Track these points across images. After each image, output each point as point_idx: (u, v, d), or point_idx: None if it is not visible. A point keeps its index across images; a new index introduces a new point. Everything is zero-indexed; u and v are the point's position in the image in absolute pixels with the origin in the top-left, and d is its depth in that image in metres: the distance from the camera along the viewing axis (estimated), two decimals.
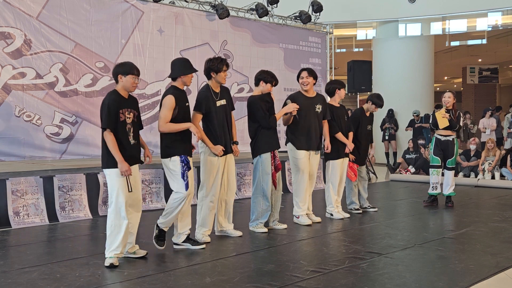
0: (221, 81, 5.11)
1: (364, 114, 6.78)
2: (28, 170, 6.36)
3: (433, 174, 7.23)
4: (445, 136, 7.12)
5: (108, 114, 4.17)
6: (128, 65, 4.37)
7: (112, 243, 4.23)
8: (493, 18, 14.15)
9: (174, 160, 4.61)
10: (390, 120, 13.89)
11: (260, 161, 5.49)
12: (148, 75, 8.01)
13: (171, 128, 4.59)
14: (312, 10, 10.46)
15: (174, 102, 4.56)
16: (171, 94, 4.62)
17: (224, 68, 5.08)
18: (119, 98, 4.28)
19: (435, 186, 7.21)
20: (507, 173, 10.09)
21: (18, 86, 6.65)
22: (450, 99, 7.06)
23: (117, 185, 4.21)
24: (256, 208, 5.54)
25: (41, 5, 6.89)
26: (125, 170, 4.16)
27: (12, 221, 6.01)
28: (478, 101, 21.32)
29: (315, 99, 6.00)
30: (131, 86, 4.33)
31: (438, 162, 7.18)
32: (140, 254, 4.51)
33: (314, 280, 3.81)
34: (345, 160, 6.45)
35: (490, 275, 3.92)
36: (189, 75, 4.73)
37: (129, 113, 4.31)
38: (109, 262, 4.19)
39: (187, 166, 4.62)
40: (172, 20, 8.32)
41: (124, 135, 4.26)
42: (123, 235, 4.23)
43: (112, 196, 4.24)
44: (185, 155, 4.63)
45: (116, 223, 4.23)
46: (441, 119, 7.02)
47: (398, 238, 5.18)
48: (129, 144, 4.29)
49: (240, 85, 9.26)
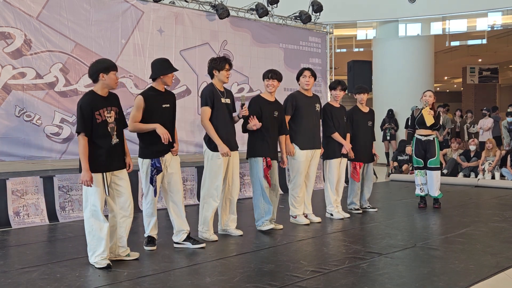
0: (223, 80, 5.15)
1: (359, 110, 6.76)
2: (28, 170, 6.36)
3: (417, 176, 7.15)
4: (425, 136, 7.05)
5: (81, 117, 4.06)
6: (107, 61, 4.22)
7: (97, 248, 4.14)
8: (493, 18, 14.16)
9: (145, 163, 4.66)
10: (390, 120, 13.90)
11: (253, 161, 5.53)
12: (148, 75, 7.96)
13: (137, 128, 4.59)
14: (312, 10, 10.46)
15: (142, 102, 4.55)
16: (141, 94, 4.65)
17: (227, 66, 5.11)
18: (95, 98, 4.15)
19: (421, 188, 7.13)
20: (507, 173, 10.09)
21: (18, 86, 6.64)
22: (431, 98, 7.01)
23: (94, 190, 4.12)
24: (258, 206, 5.55)
25: (41, 5, 6.89)
26: (86, 180, 4.04)
27: (12, 221, 6.01)
28: (478, 101, 21.33)
29: (313, 98, 6.06)
30: (114, 83, 4.20)
31: (420, 164, 7.09)
32: (134, 257, 4.43)
33: (314, 280, 3.81)
34: (343, 160, 6.44)
35: (490, 275, 3.92)
36: (169, 74, 4.69)
37: (110, 111, 4.20)
38: (100, 265, 4.11)
39: (157, 170, 4.60)
40: (172, 20, 8.32)
41: (105, 137, 4.17)
42: (106, 238, 4.14)
43: (88, 199, 4.15)
44: (157, 158, 4.62)
45: (96, 227, 4.13)
46: (428, 116, 6.94)
47: (398, 238, 5.18)
48: (110, 146, 4.19)
49: (240, 85, 9.26)
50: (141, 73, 7.85)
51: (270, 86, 5.59)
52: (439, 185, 7.10)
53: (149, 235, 4.81)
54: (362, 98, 6.74)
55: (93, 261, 4.17)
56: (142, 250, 4.71)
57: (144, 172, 4.68)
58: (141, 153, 4.70)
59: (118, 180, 4.30)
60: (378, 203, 7.44)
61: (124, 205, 4.34)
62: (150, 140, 4.61)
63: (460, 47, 18.18)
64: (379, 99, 14.53)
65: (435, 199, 7.13)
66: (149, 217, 4.79)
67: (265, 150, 5.51)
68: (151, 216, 4.78)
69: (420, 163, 7.10)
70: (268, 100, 5.61)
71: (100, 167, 4.16)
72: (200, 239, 5.07)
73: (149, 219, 4.79)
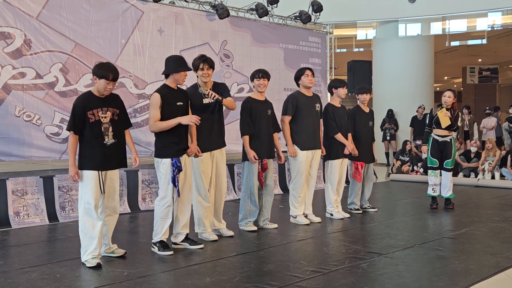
0: (201, 79, 5.05)
1: (361, 110, 6.76)
2: (28, 170, 6.36)
3: (431, 176, 7.07)
4: (442, 137, 6.96)
5: (72, 116, 4.19)
6: (105, 69, 4.27)
7: (89, 246, 4.19)
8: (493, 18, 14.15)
9: (164, 163, 4.59)
10: (390, 120, 13.89)
11: (247, 163, 5.53)
12: (148, 75, 8.00)
13: (160, 127, 4.53)
14: (312, 10, 10.46)
15: (159, 100, 4.51)
16: (156, 91, 4.58)
17: (201, 65, 4.98)
18: (90, 99, 4.25)
19: (434, 189, 7.05)
20: (507, 173, 10.09)
21: (18, 86, 6.64)
22: (450, 98, 6.89)
23: (89, 187, 4.18)
24: (244, 207, 5.58)
25: (41, 5, 6.88)
26: (72, 175, 4.17)
27: (12, 221, 6.01)
28: (478, 101, 21.32)
29: (313, 98, 6.04)
30: (103, 89, 4.26)
31: (436, 164, 7.01)
32: (119, 254, 4.48)
33: (314, 280, 3.81)
34: (345, 160, 6.44)
35: (490, 275, 3.92)
36: (181, 73, 4.60)
37: (105, 112, 4.26)
38: (91, 264, 4.14)
39: (178, 169, 4.57)
40: (172, 20, 8.32)
41: (97, 136, 4.22)
42: (99, 236, 4.19)
43: (83, 198, 4.21)
44: (176, 157, 4.58)
45: (89, 225, 4.18)
46: (444, 118, 6.85)
47: (398, 238, 5.18)
48: (103, 145, 4.24)
49: (240, 85, 9.26)
50: (141, 73, 7.85)
51: (261, 86, 5.57)
52: (451, 186, 7.03)
53: (161, 240, 4.64)
54: (365, 98, 6.73)
55: (84, 259, 4.21)
56: (142, 250, 4.71)
57: (163, 173, 4.59)
58: (160, 153, 4.60)
59: (110, 179, 4.33)
60: (378, 203, 7.44)
61: (112, 204, 4.39)
62: (170, 140, 4.57)
63: (460, 47, 18.18)
64: (379, 99, 14.53)
65: (447, 200, 7.05)
66: (164, 220, 4.62)
67: (260, 152, 5.52)
68: (166, 219, 4.63)
69: (435, 163, 7.01)
70: (259, 100, 5.61)
71: (95, 165, 4.22)
72: (199, 239, 5.07)
73: (164, 221, 4.62)
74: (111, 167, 4.32)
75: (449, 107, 6.91)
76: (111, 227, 4.47)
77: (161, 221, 4.63)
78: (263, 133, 5.54)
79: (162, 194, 4.61)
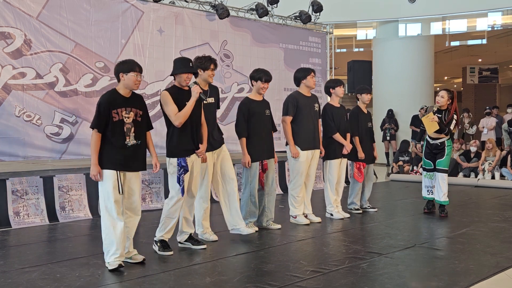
0: (207, 79, 5.07)
1: (362, 111, 6.75)
2: (28, 170, 6.35)
3: (425, 177, 6.71)
4: (433, 139, 6.49)
5: (98, 114, 4.09)
6: (130, 62, 4.25)
7: (110, 246, 4.11)
8: (493, 18, 14.16)
9: (171, 163, 4.61)
10: (390, 120, 13.89)
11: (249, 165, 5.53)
12: (148, 75, 8.00)
13: (182, 116, 4.49)
14: (312, 10, 10.46)
15: (169, 95, 4.52)
16: (165, 89, 4.63)
17: (212, 66, 5.00)
18: (115, 97, 4.17)
19: (430, 190, 6.68)
20: (507, 173, 10.09)
21: (18, 86, 6.65)
22: (443, 99, 6.34)
23: (108, 186, 4.10)
24: (244, 208, 5.57)
25: (41, 5, 6.89)
26: (94, 174, 4.06)
27: (12, 221, 6.01)
28: (478, 101, 21.31)
29: (312, 98, 6.04)
30: (134, 84, 4.19)
31: (430, 166, 6.61)
32: (137, 260, 4.34)
33: (314, 280, 3.81)
34: (343, 160, 6.44)
35: (490, 275, 3.92)
36: (182, 74, 4.57)
37: (128, 112, 4.18)
38: (112, 266, 4.06)
39: (184, 169, 4.56)
40: (172, 20, 8.32)
41: (119, 136, 4.13)
42: (119, 237, 4.09)
43: (103, 198, 4.14)
44: (183, 157, 4.57)
45: (109, 225, 4.10)
46: (429, 123, 6.30)
47: (398, 238, 5.18)
48: (125, 146, 4.15)
49: (240, 85, 9.26)
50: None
51: (264, 89, 5.59)
52: (446, 190, 6.50)
53: (162, 239, 4.64)
54: (368, 98, 6.72)
55: (107, 261, 4.13)
56: (142, 250, 4.70)
57: (171, 172, 4.61)
58: (169, 152, 4.62)
59: (129, 181, 4.24)
60: (378, 203, 7.44)
61: (132, 205, 4.30)
62: (179, 140, 4.57)
63: (460, 47, 18.17)
64: (379, 99, 14.53)
65: (442, 206, 6.50)
66: (169, 218, 4.62)
67: (260, 153, 5.52)
68: (172, 218, 4.62)
69: (428, 164, 6.62)
70: (257, 100, 5.61)
71: (115, 165, 4.12)
72: (201, 239, 5.07)
73: (169, 220, 4.62)
74: (130, 169, 4.21)
75: (443, 108, 6.41)
76: (132, 229, 4.34)
77: (166, 219, 4.64)
78: (262, 134, 5.54)
79: (171, 193, 4.62)
